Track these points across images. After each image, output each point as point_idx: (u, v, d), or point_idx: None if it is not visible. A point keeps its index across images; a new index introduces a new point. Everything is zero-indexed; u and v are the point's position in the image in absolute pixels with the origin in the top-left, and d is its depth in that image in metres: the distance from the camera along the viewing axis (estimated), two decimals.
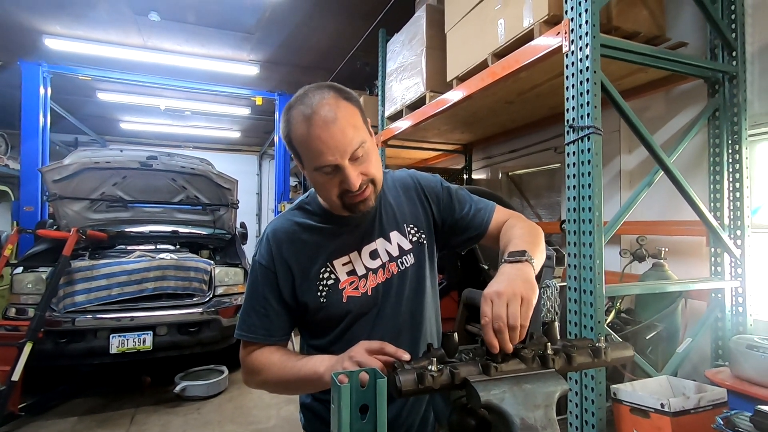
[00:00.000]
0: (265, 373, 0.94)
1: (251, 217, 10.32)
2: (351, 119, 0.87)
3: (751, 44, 2.29)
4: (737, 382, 1.86)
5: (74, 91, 6.48)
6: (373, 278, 1.00)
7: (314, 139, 0.84)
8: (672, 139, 2.64)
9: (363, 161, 0.89)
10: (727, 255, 2.25)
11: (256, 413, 3.43)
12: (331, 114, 0.85)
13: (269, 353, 0.96)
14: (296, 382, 0.89)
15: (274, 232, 1.01)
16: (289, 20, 4.59)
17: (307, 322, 1.02)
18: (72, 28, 4.79)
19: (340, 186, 0.88)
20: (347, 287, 0.98)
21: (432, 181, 1.13)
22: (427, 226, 1.09)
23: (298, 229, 1.01)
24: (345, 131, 0.85)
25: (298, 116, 0.87)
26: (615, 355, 0.75)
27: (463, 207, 1.09)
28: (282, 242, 0.99)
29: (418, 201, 1.10)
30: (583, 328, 1.80)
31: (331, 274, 0.98)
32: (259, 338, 0.98)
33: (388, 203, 1.07)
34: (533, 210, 4.31)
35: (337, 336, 1.00)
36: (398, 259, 1.03)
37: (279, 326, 0.99)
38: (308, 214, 1.04)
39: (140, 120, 8.38)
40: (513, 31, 2.31)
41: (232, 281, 4.04)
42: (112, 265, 3.57)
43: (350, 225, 1.02)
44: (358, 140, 0.86)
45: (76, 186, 4.15)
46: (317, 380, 0.83)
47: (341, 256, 1.00)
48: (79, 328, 3.32)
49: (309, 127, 0.84)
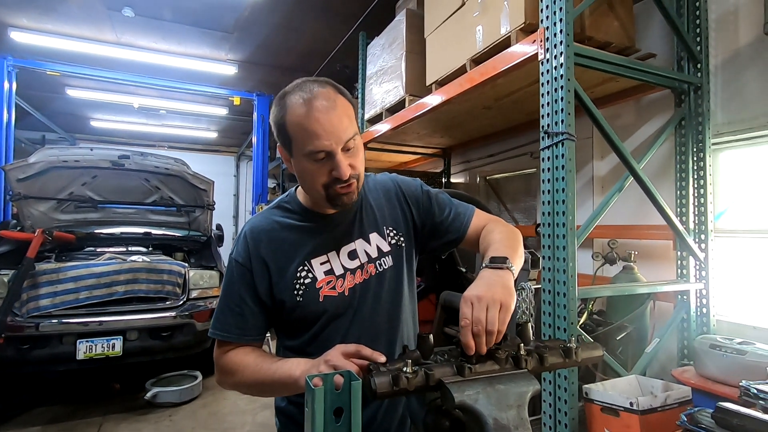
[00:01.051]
0: (239, 375, 0.93)
1: (228, 219, 10.15)
2: (347, 111, 0.91)
3: (715, 57, 2.40)
4: (701, 380, 1.94)
5: (42, 87, 6.23)
6: (351, 278, 1.00)
7: (313, 121, 0.86)
8: (641, 146, 2.73)
9: (353, 155, 0.91)
10: (692, 258, 2.34)
11: (231, 419, 3.36)
12: (330, 102, 0.88)
13: (244, 354, 0.95)
14: (271, 385, 0.88)
15: (251, 229, 1.00)
16: (269, 21, 4.55)
17: (282, 321, 1.01)
18: (40, 22, 4.60)
19: (329, 175, 0.89)
20: (324, 286, 0.98)
21: (412, 185, 1.14)
22: (406, 230, 1.09)
23: (276, 226, 1.00)
24: (342, 119, 0.88)
25: (296, 100, 0.88)
26: (585, 356, 0.76)
27: (442, 211, 1.10)
28: (260, 240, 0.98)
29: (398, 204, 1.10)
30: (556, 329, 1.84)
31: (308, 273, 0.97)
32: (233, 337, 0.96)
33: (368, 205, 1.07)
34: (510, 214, 4.39)
35: (312, 336, 0.99)
36: (377, 260, 1.03)
37: (254, 325, 0.97)
38: (287, 212, 1.03)
39: (113, 118, 8.12)
40: (491, 38, 2.35)
41: (207, 284, 3.95)
42: (79, 268, 3.43)
43: (330, 224, 1.02)
44: (351, 131, 0.89)
45: (42, 185, 3.98)
46: (292, 384, 0.82)
47: (319, 255, 0.99)
48: (43, 334, 3.19)
49: (309, 110, 0.86)
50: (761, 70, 2.21)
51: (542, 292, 1.92)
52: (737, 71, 2.33)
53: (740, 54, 2.31)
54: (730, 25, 2.35)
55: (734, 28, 2.34)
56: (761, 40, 2.19)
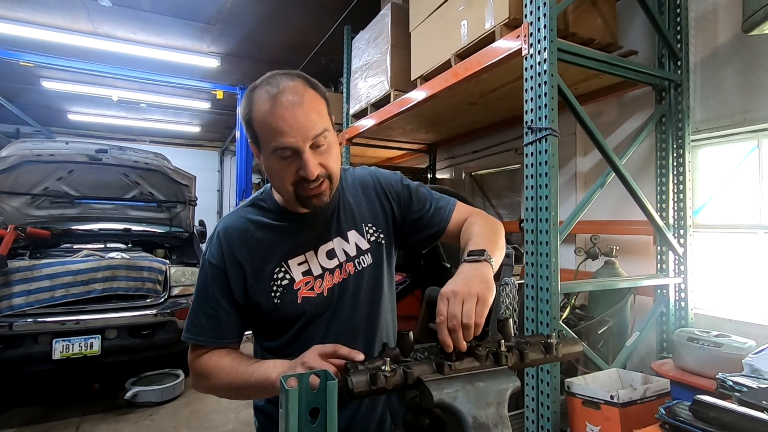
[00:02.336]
0: (215, 378, 0.90)
1: (212, 215, 9.98)
2: (316, 106, 0.86)
3: (694, 54, 2.43)
4: (679, 372, 1.98)
5: (15, 78, 6.01)
6: (330, 278, 0.97)
7: (277, 118, 0.82)
8: (623, 142, 2.77)
9: (323, 152, 0.86)
10: (671, 253, 2.39)
11: (213, 418, 3.31)
12: (297, 97, 0.83)
13: (219, 357, 0.92)
14: (247, 389, 0.85)
15: (225, 229, 0.96)
16: (252, 13, 4.46)
17: (260, 323, 0.98)
18: (11, 10, 4.43)
19: (296, 174, 0.85)
20: (302, 287, 0.95)
21: (392, 178, 1.11)
22: (386, 226, 1.06)
23: (251, 226, 0.96)
24: (309, 115, 0.83)
25: (262, 95, 0.84)
26: (565, 351, 0.76)
27: (423, 204, 1.07)
28: (234, 240, 0.95)
29: (377, 199, 1.07)
30: (539, 324, 1.85)
31: (285, 274, 0.94)
32: (208, 341, 0.93)
33: (347, 202, 1.04)
34: (495, 209, 4.41)
35: (291, 338, 0.97)
36: (355, 259, 1.01)
37: (229, 328, 0.94)
38: (263, 211, 0.99)
39: (90, 111, 7.88)
40: (475, 33, 2.34)
41: (189, 281, 3.86)
42: (55, 265, 3.32)
43: (306, 223, 0.98)
44: (321, 127, 0.84)
45: (15, 180, 3.85)
46: (269, 387, 0.80)
47: (296, 255, 0.96)
48: (17, 333, 3.08)
49: (273, 106, 0.82)
50: (738, 68, 2.26)
51: (525, 287, 1.93)
52: (716, 69, 2.36)
53: (719, 52, 2.35)
54: (710, 23, 2.39)
55: (713, 27, 2.37)
56: (739, 38, 2.23)
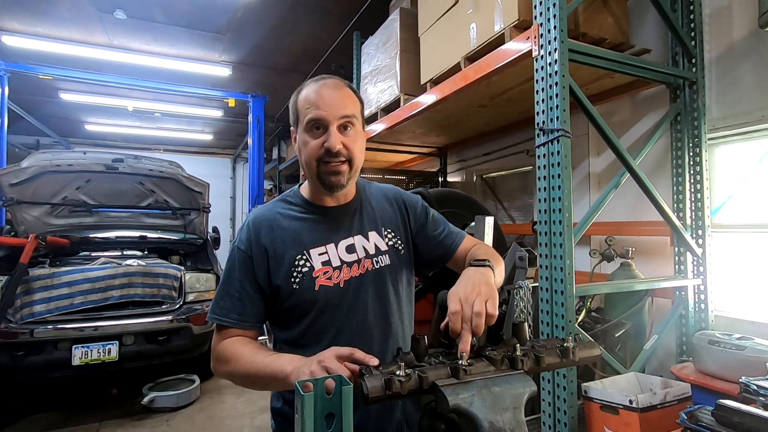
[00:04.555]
0: (233, 364, 0.94)
1: (225, 222, 10.11)
2: (351, 97, 1.01)
3: (709, 51, 2.39)
4: (700, 376, 1.93)
5: (35, 91, 6.18)
6: (347, 271, 1.03)
7: (317, 94, 0.97)
8: (637, 142, 2.73)
9: (349, 136, 0.98)
10: (689, 254, 2.34)
11: (228, 423, 3.33)
12: (336, 85, 1.00)
13: (240, 344, 0.96)
14: (263, 378, 0.88)
15: (254, 219, 1.05)
16: (262, 21, 4.52)
17: (277, 311, 1.03)
18: (31, 25, 4.57)
19: (321, 147, 0.96)
20: (321, 276, 1.00)
21: (413, 198, 1.22)
22: (405, 235, 1.14)
23: (278, 217, 1.05)
24: (345, 99, 0.98)
25: (309, 84, 1.01)
26: (582, 355, 0.75)
27: (437, 227, 1.17)
28: (261, 228, 1.03)
29: (398, 211, 1.16)
30: (554, 328, 1.83)
31: (306, 262, 1.00)
32: (231, 322, 0.98)
33: (369, 205, 1.13)
34: (507, 212, 4.37)
35: (305, 328, 1.00)
36: (374, 257, 1.07)
37: (252, 312, 1.00)
38: (290, 204, 1.08)
39: (107, 121, 8.06)
40: (484, 35, 2.34)
41: (204, 287, 3.92)
42: (74, 273, 3.40)
43: (330, 218, 1.06)
44: (351, 111, 0.98)
45: (35, 190, 3.94)
46: (283, 379, 0.82)
47: (318, 246, 1.02)
48: (38, 340, 3.15)
49: (316, 87, 0.99)
50: (755, 64, 2.21)
51: (540, 291, 1.90)
52: (732, 66, 2.32)
53: (734, 48, 2.31)
54: (724, 19, 2.35)
55: (728, 23, 2.33)
56: (755, 34, 2.19)
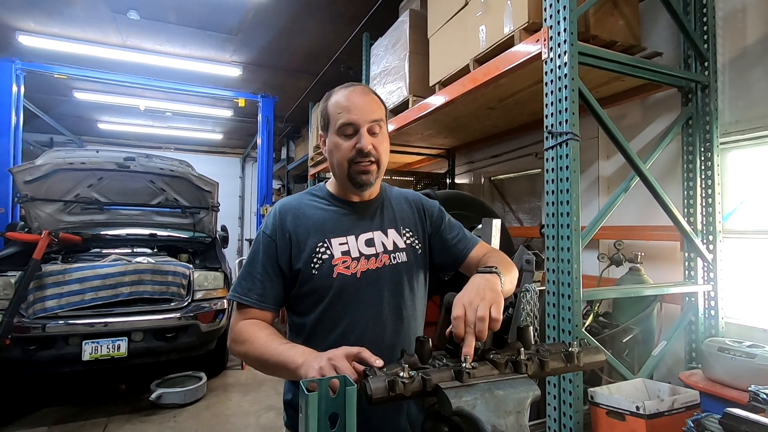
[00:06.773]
0: (249, 345, 0.97)
1: (234, 221, 10.18)
2: (378, 103, 1.09)
3: (722, 55, 2.36)
4: (709, 384, 1.90)
5: (49, 90, 6.29)
6: (365, 263, 1.07)
7: (348, 100, 1.05)
8: (648, 146, 2.70)
9: (377, 138, 1.06)
10: (700, 259, 2.31)
11: (234, 421, 3.36)
12: (365, 91, 1.08)
13: (258, 328, 0.99)
14: (274, 365, 0.91)
15: (282, 206, 1.12)
16: (273, 23, 4.56)
17: (294, 295, 1.07)
18: (47, 26, 4.65)
19: (353, 149, 1.03)
20: (339, 264, 1.05)
21: (431, 202, 1.28)
22: (422, 236, 1.19)
23: (304, 206, 1.12)
24: (372, 105, 1.06)
25: (339, 90, 1.09)
26: (587, 360, 0.75)
27: (452, 231, 1.22)
28: (287, 215, 1.09)
29: (417, 213, 1.22)
30: (561, 332, 1.82)
31: (327, 250, 1.05)
32: (251, 302, 1.03)
33: (390, 205, 1.19)
34: (515, 214, 4.35)
35: (320, 314, 1.04)
36: (392, 253, 1.11)
37: (272, 294, 1.05)
38: (316, 197, 1.15)
39: (119, 120, 8.18)
40: (494, 38, 2.33)
41: (212, 285, 3.95)
42: (85, 269, 3.46)
43: (352, 211, 1.12)
44: (379, 115, 1.06)
45: (48, 187, 4.02)
46: (293, 369, 0.84)
47: (339, 236, 1.08)
48: (49, 335, 3.21)
49: (346, 93, 1.06)
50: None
51: (547, 294, 1.89)
52: (745, 69, 2.29)
53: (748, 52, 2.27)
54: (738, 23, 2.32)
55: (742, 26, 2.30)
56: None
